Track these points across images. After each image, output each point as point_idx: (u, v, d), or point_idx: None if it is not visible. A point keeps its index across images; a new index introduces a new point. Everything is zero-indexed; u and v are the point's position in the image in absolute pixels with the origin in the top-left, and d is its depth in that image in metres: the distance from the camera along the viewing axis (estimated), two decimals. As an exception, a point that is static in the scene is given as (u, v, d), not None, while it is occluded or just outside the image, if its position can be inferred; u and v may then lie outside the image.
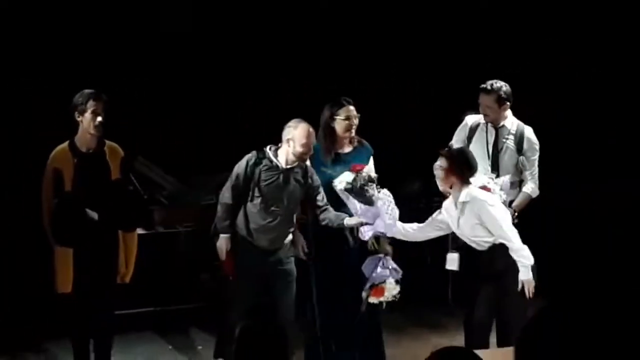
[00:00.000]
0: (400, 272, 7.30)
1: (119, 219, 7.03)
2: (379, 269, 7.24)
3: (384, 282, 7.23)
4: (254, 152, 7.21)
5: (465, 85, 7.98)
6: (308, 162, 7.29)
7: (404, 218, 8.57)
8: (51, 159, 6.98)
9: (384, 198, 7.14)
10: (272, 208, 7.14)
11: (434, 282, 8.80)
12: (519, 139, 7.75)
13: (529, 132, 7.79)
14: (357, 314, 7.34)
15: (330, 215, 7.22)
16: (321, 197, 7.27)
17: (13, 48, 8.67)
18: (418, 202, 9.16)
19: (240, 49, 9.34)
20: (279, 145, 7.17)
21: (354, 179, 7.19)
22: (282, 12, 9.47)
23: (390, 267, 7.25)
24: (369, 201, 7.14)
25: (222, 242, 7.25)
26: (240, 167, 7.20)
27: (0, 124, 8.64)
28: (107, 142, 7.08)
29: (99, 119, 6.89)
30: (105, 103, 6.93)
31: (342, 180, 7.22)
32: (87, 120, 6.91)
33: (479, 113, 7.77)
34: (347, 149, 7.46)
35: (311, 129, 7.13)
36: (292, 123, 7.11)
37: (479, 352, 3.34)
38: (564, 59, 9.84)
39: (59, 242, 6.93)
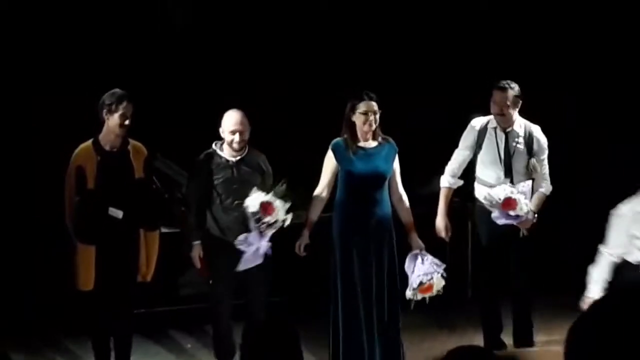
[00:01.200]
0: (442, 265, 7.33)
1: (142, 218, 7.04)
2: (422, 267, 7.24)
3: (432, 279, 7.25)
4: (204, 152, 7.31)
5: (465, 85, 7.94)
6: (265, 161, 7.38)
7: (424, 219, 8.63)
8: (74, 156, 7.00)
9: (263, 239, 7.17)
10: (235, 202, 7.19)
11: (452, 283, 8.78)
12: (529, 140, 7.70)
13: (537, 131, 7.76)
14: (380, 319, 7.33)
15: None
16: (270, 188, 7.31)
17: (19, 43, 8.66)
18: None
19: (254, 47, 9.32)
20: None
21: (257, 211, 7.15)
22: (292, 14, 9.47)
23: (431, 261, 7.27)
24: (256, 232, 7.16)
25: (195, 250, 7.30)
26: (192, 168, 7.36)
27: (22, 120, 8.64)
28: (132, 141, 7.10)
29: (127, 122, 6.93)
30: (133, 105, 6.96)
31: (255, 202, 7.17)
32: (115, 121, 6.94)
33: (485, 115, 7.72)
34: (372, 143, 7.44)
35: (238, 114, 7.23)
36: (225, 113, 7.27)
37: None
38: (565, 59, 9.80)
39: (81, 240, 6.94)
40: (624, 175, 9.28)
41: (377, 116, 7.34)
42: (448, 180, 7.80)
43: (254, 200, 7.14)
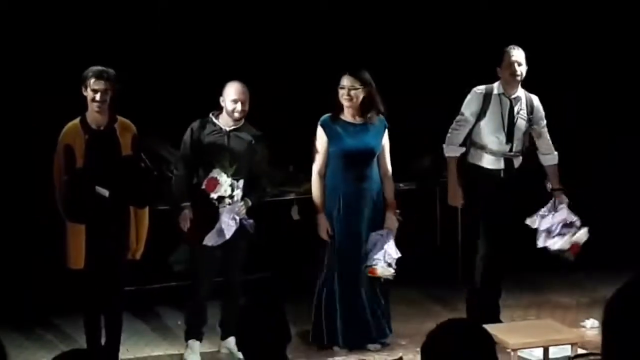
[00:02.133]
0: (395, 256, 7.34)
1: (131, 195, 7.02)
2: (374, 249, 7.30)
3: (376, 264, 7.30)
4: (199, 119, 7.36)
5: (465, 85, 7.93)
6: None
7: (414, 196, 8.66)
8: (62, 135, 6.98)
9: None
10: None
11: (445, 261, 8.84)
12: (531, 109, 7.74)
13: (537, 100, 7.79)
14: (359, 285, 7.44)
15: (251, 190, 7.34)
16: (261, 168, 7.42)
17: (19, 43, 8.63)
18: (427, 179, 9.13)
19: (254, 42, 9.29)
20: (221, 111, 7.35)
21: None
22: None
23: (385, 249, 7.30)
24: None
25: (185, 213, 7.31)
26: (186, 135, 7.38)
27: (22, 120, 8.61)
28: (120, 118, 7.07)
29: (98, 97, 6.89)
30: (107, 81, 6.91)
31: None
32: (89, 97, 6.94)
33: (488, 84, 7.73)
34: (358, 120, 7.47)
35: (240, 85, 7.29)
36: (227, 83, 7.32)
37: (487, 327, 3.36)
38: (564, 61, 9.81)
39: (70, 219, 6.93)
40: (624, 175, 9.42)
41: (358, 92, 7.39)
42: (454, 149, 7.77)
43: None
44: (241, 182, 7.25)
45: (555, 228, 7.57)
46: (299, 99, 8.89)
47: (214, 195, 7.16)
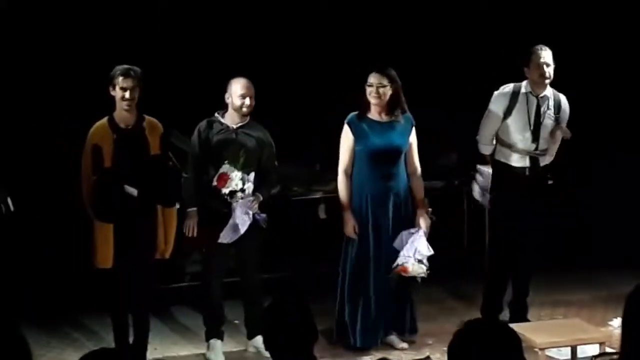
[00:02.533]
0: (426, 253, 7.30)
1: (159, 195, 7.04)
2: (407, 247, 7.27)
3: (407, 262, 7.28)
4: (205, 119, 7.39)
5: (465, 85, 7.92)
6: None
7: (441, 194, 8.64)
8: (90, 135, 7.00)
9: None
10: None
11: (472, 260, 8.81)
12: (558, 108, 7.71)
13: (564, 100, 7.76)
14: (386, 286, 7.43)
15: (261, 183, 7.36)
16: (269, 162, 7.43)
17: (19, 43, 8.66)
18: (454, 177, 9.13)
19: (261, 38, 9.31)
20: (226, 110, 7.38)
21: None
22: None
23: (416, 247, 7.27)
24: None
25: (193, 216, 7.35)
26: (193, 136, 7.41)
27: (22, 120, 8.64)
28: (147, 117, 7.10)
29: (127, 94, 6.92)
30: (134, 79, 6.95)
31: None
32: (118, 96, 6.96)
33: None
34: (385, 118, 7.46)
35: (245, 80, 7.31)
36: (231, 80, 7.34)
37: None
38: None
39: (99, 218, 6.96)
40: (624, 176, 9.40)
41: (386, 89, 7.38)
42: (487, 148, 7.82)
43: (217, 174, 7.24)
44: (252, 175, 7.26)
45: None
46: (324, 98, 8.89)
47: (225, 191, 7.16)
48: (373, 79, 7.40)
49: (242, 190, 7.18)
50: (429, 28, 9.55)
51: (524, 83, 7.68)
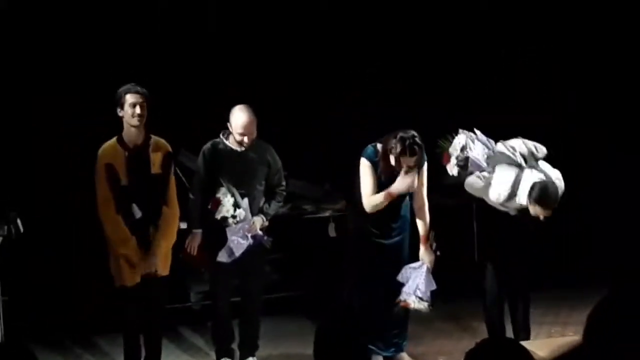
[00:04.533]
0: (425, 289, 7.21)
1: (158, 213, 7.01)
2: (409, 284, 7.24)
3: (408, 299, 7.24)
4: (210, 141, 7.38)
5: (465, 85, 7.90)
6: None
7: (451, 211, 8.62)
8: (101, 156, 6.97)
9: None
10: (238, 190, 7.23)
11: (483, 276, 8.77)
12: None
13: None
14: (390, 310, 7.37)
15: (269, 201, 7.39)
16: (276, 180, 7.40)
17: (19, 43, 8.70)
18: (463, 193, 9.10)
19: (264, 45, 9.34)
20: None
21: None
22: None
23: (417, 284, 7.22)
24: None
25: (196, 237, 7.36)
26: (199, 159, 7.41)
27: (22, 120, 8.67)
28: (154, 137, 7.10)
29: (138, 110, 6.93)
30: (142, 95, 6.96)
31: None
32: (128, 114, 6.94)
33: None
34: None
35: (246, 116, 7.22)
36: (233, 109, 7.28)
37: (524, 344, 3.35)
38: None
39: (117, 237, 6.93)
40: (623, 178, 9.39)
41: (412, 165, 7.09)
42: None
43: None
44: (245, 201, 7.23)
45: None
46: (332, 120, 8.94)
47: (217, 216, 7.18)
48: (405, 161, 7.03)
49: (233, 216, 7.18)
50: (429, 28, 9.56)
51: None
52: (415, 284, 7.23)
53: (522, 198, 7.06)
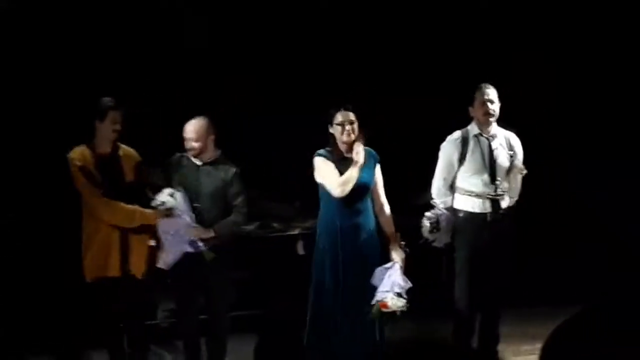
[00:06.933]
0: (404, 285, 7.18)
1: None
2: (384, 282, 7.19)
3: (386, 297, 7.15)
4: (176, 153, 7.49)
5: (464, 85, 7.95)
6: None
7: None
8: (72, 159, 7.08)
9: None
10: (194, 204, 7.28)
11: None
12: (509, 146, 7.69)
13: (514, 137, 7.75)
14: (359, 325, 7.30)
15: (223, 218, 7.38)
16: (235, 202, 7.41)
17: (19, 43, 8.71)
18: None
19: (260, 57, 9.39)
20: None
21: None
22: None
23: (393, 281, 7.18)
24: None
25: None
26: (162, 169, 7.49)
27: (22, 120, 8.67)
28: (122, 146, 7.23)
29: (118, 127, 7.11)
30: (122, 111, 7.13)
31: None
32: (107, 128, 7.11)
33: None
34: (349, 154, 7.32)
35: (192, 124, 7.38)
36: None
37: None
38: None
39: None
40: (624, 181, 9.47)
41: (355, 126, 7.29)
42: (442, 201, 7.72)
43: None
44: (179, 195, 7.23)
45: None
46: (307, 137, 8.95)
47: (152, 203, 7.21)
48: (342, 117, 7.27)
49: (163, 203, 7.19)
50: (429, 28, 9.61)
51: (471, 126, 7.67)
52: (391, 281, 7.14)
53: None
